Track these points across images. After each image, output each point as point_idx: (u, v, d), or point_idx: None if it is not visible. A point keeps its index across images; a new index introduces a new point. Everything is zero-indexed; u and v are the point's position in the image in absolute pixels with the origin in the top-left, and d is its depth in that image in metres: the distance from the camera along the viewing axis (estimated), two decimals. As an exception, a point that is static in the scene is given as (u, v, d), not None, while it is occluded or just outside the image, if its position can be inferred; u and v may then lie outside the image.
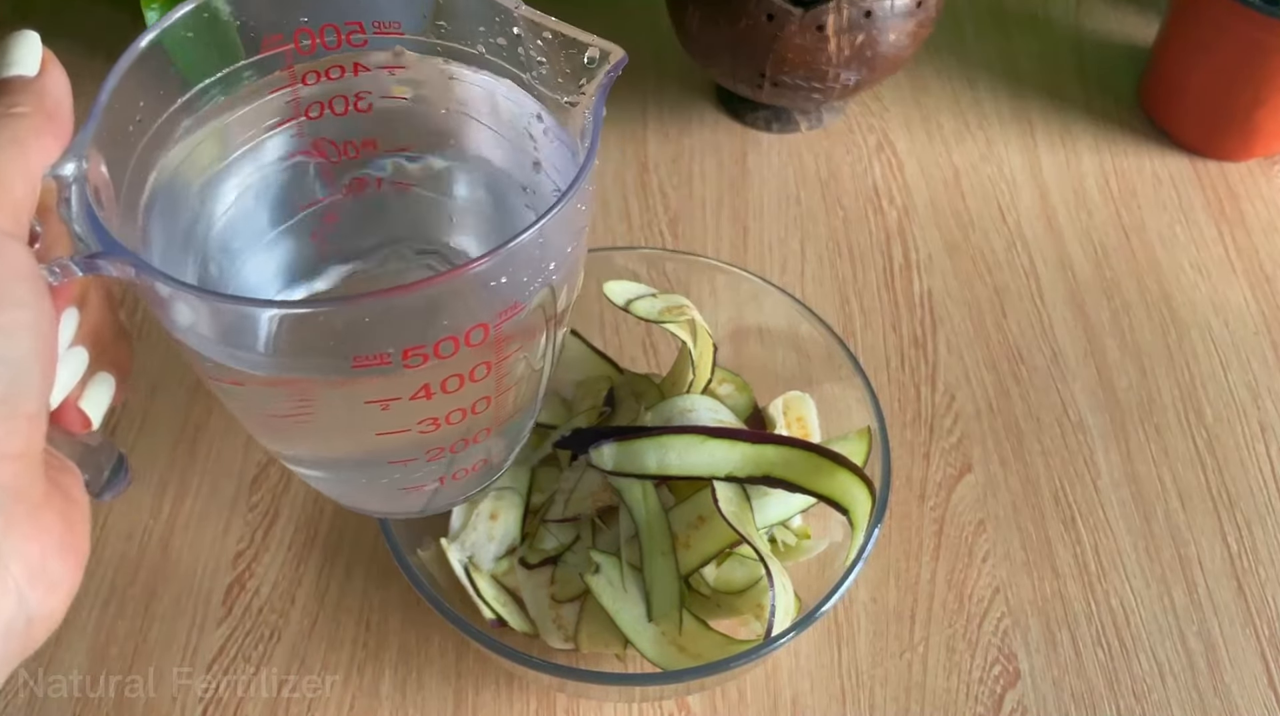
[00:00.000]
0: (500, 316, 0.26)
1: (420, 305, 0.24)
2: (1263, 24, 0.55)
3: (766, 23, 0.54)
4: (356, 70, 0.30)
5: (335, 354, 0.25)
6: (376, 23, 0.30)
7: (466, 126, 0.33)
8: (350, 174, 0.32)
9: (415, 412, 0.27)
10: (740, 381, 0.46)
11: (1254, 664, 0.44)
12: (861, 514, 0.38)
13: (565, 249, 0.28)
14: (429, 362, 0.25)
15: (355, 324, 0.24)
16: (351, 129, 0.31)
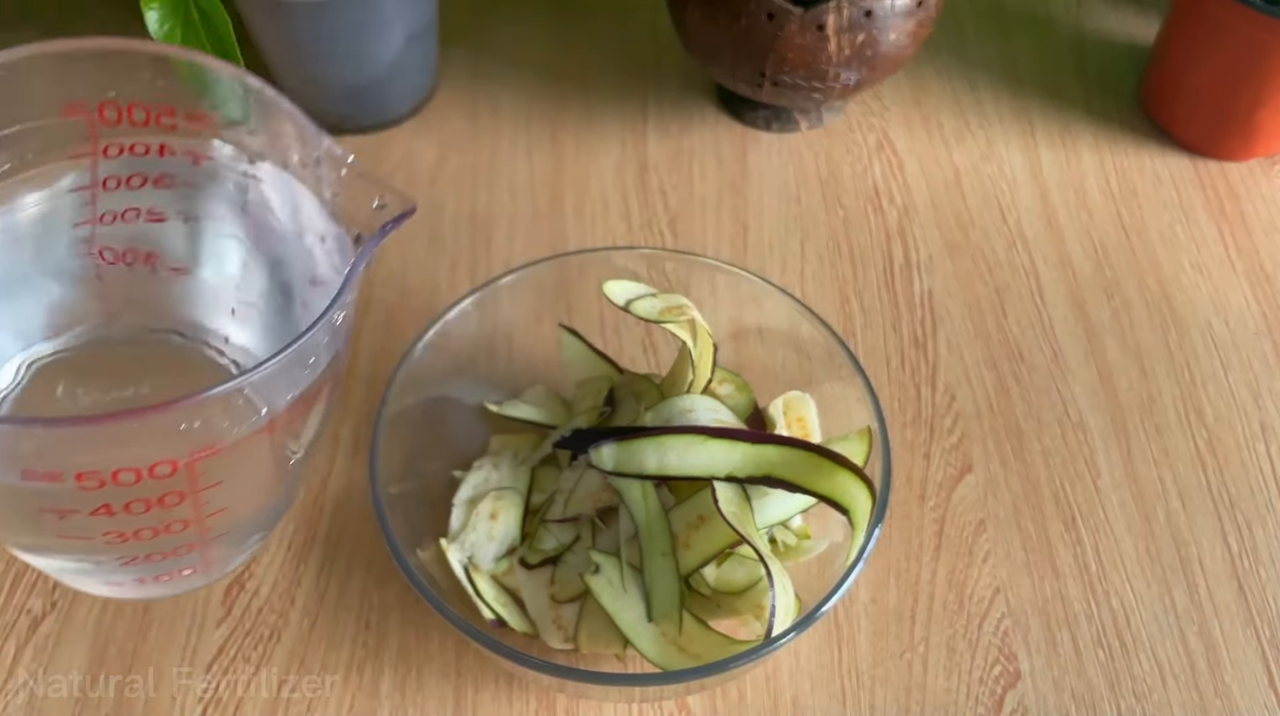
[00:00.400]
0: (193, 455, 0.26)
1: (97, 435, 0.24)
2: (1263, 23, 0.55)
3: (767, 22, 0.54)
4: (163, 151, 0.30)
5: (5, 460, 0.24)
6: (188, 111, 0.30)
7: (259, 226, 0.33)
8: (130, 244, 0.32)
9: (97, 526, 0.26)
10: (740, 381, 0.46)
11: (1255, 664, 0.44)
12: (862, 514, 0.38)
13: (284, 397, 0.27)
14: (105, 487, 0.25)
15: (26, 440, 0.24)
16: (143, 202, 0.31)
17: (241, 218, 0.33)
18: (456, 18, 0.69)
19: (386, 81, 0.61)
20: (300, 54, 0.58)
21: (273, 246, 0.33)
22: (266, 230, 0.33)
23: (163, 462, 0.25)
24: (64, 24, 0.70)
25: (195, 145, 0.31)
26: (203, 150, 0.32)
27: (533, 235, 0.58)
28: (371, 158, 0.62)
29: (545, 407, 0.47)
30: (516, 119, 0.64)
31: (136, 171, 0.30)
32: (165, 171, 0.31)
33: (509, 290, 0.46)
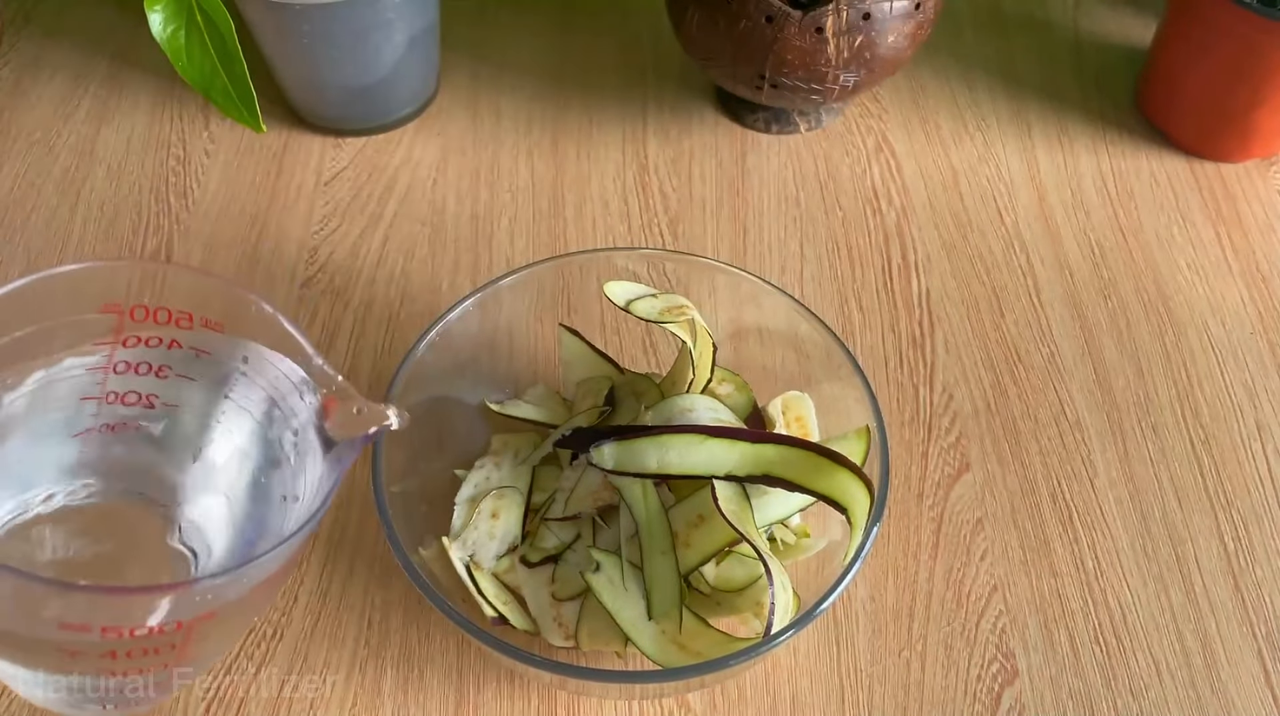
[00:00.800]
0: (198, 617, 0.31)
1: (132, 602, 0.29)
2: (1260, 25, 0.55)
3: (766, 25, 0.54)
4: (172, 345, 0.34)
5: (40, 614, 0.29)
6: (206, 318, 0.34)
7: (243, 414, 0.37)
8: (125, 420, 0.36)
9: (98, 662, 0.31)
10: (740, 381, 0.46)
11: (1250, 662, 0.44)
12: (860, 513, 0.38)
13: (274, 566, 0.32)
14: (122, 637, 0.29)
15: (80, 601, 0.29)
16: (145, 387, 0.35)
17: (227, 405, 0.37)
18: (458, 21, 0.69)
19: (388, 84, 0.61)
20: (303, 56, 0.58)
21: (252, 431, 0.37)
22: (248, 419, 0.37)
23: (171, 623, 0.30)
24: (64, 25, 0.70)
25: (200, 341, 0.35)
26: (205, 346, 0.36)
27: (533, 236, 0.58)
28: (373, 159, 0.62)
29: (546, 407, 0.47)
30: (517, 121, 0.65)
31: (145, 360, 0.35)
32: (168, 362, 0.35)
33: (510, 290, 0.46)
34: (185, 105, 0.65)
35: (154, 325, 0.34)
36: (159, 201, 0.60)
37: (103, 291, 0.33)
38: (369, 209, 0.60)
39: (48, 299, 0.32)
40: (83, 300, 0.33)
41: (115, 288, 0.33)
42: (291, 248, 0.58)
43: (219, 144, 0.63)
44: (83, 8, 0.71)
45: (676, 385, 0.45)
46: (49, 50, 0.68)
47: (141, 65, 0.67)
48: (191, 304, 0.34)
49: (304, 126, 0.64)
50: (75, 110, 0.65)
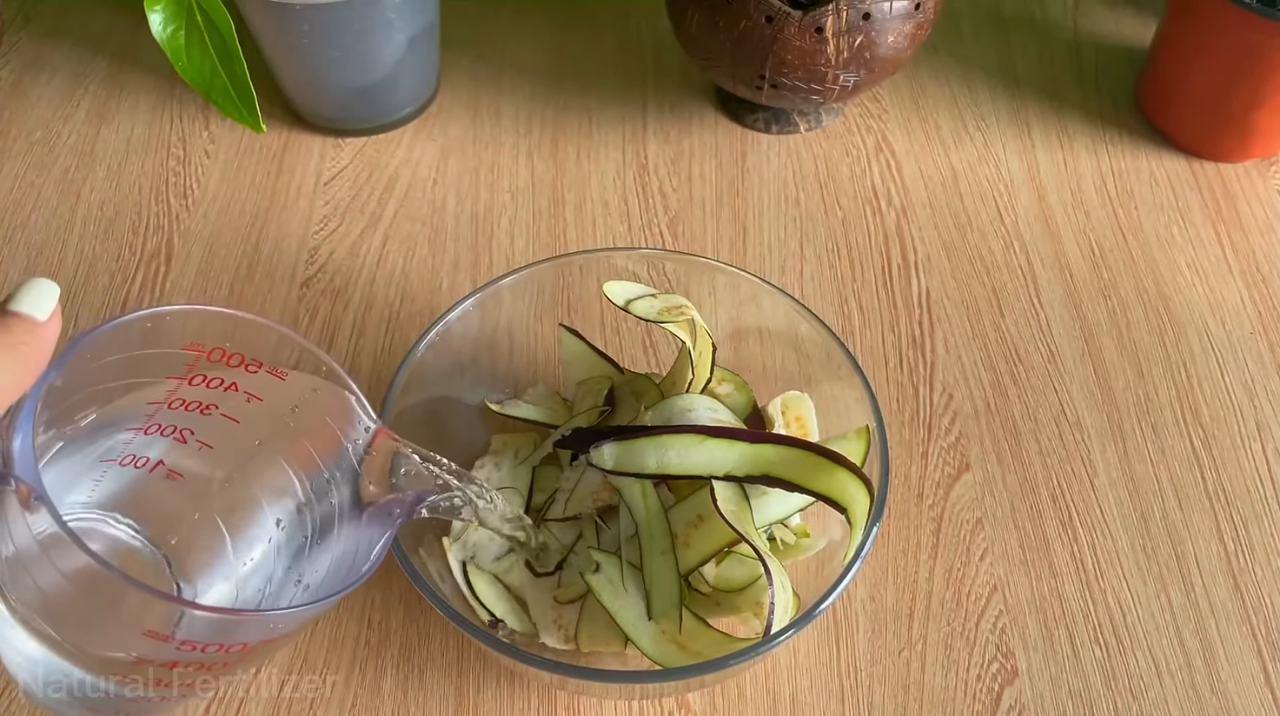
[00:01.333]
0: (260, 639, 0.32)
1: (228, 622, 0.30)
2: (1259, 25, 0.55)
3: (765, 25, 0.54)
4: (230, 387, 0.35)
5: (132, 620, 0.29)
6: (272, 368, 0.35)
7: (274, 461, 0.37)
8: (151, 455, 0.36)
9: (159, 668, 0.31)
10: (739, 381, 0.46)
11: (1250, 661, 0.44)
12: (860, 512, 0.38)
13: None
14: (195, 651, 0.29)
15: (171, 612, 0.29)
16: (187, 423, 0.35)
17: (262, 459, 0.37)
18: (458, 21, 0.69)
19: (389, 84, 0.61)
20: (303, 56, 0.58)
21: (279, 479, 0.38)
22: (283, 472, 0.38)
23: (239, 644, 0.30)
24: (65, 25, 0.70)
25: (256, 386, 0.35)
26: (258, 391, 0.36)
27: (533, 236, 0.58)
28: (373, 159, 0.62)
29: (546, 407, 0.47)
30: (517, 121, 0.65)
31: (200, 399, 0.35)
32: (218, 402, 0.35)
33: (510, 290, 0.46)
34: (185, 105, 0.65)
35: (225, 367, 0.34)
36: (159, 201, 0.60)
37: (194, 331, 0.33)
38: (369, 209, 0.60)
39: (161, 329, 0.33)
40: (171, 339, 0.33)
41: (204, 330, 0.34)
42: (291, 248, 0.58)
43: (219, 144, 0.63)
44: (83, 8, 0.71)
45: (676, 385, 0.45)
46: (49, 50, 0.68)
47: (141, 65, 0.67)
48: (267, 357, 0.35)
49: (304, 126, 0.64)
50: (75, 110, 0.65)
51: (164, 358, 0.33)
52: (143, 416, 0.34)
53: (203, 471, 0.36)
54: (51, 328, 0.28)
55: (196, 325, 0.34)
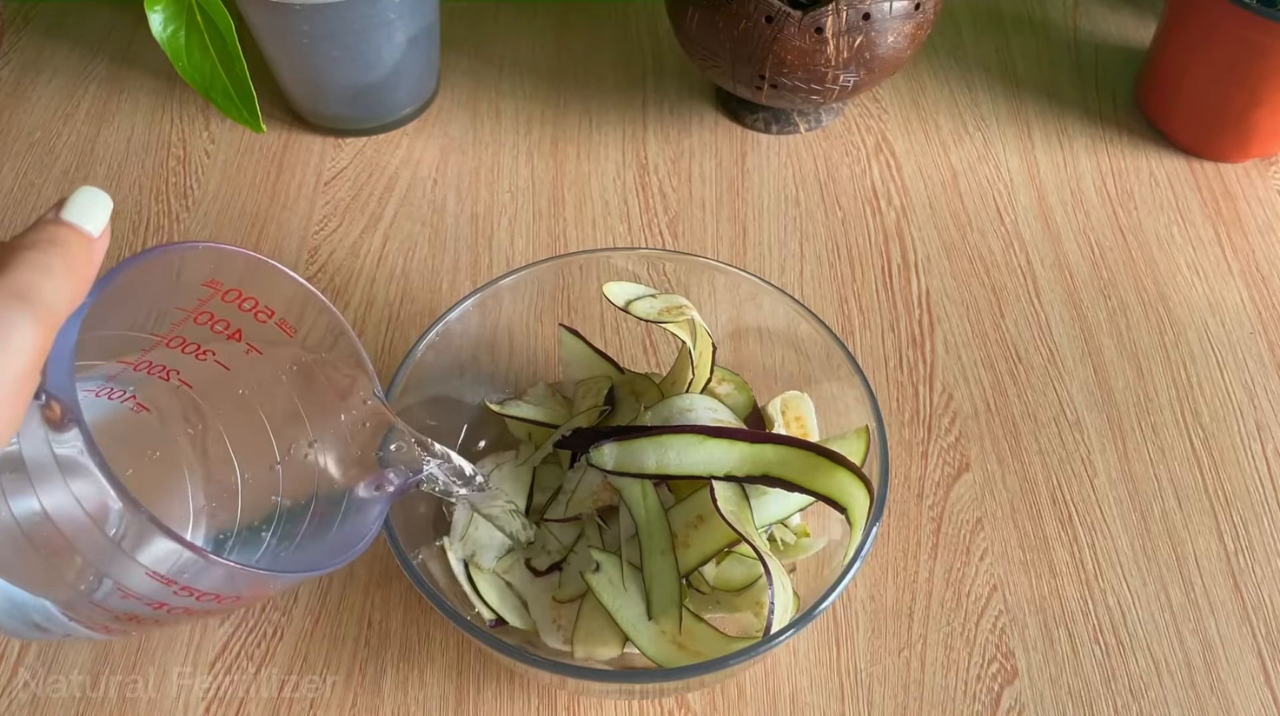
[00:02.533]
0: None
1: (238, 575, 0.29)
2: (1258, 25, 0.55)
3: (765, 25, 0.54)
4: (236, 336, 0.34)
5: (136, 560, 0.28)
6: (282, 320, 0.34)
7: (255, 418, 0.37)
8: (137, 393, 0.35)
9: (139, 614, 0.30)
10: (739, 380, 0.46)
11: (1250, 661, 0.44)
12: (860, 512, 0.38)
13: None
14: (192, 597, 0.29)
15: (194, 567, 0.28)
16: (177, 365, 0.34)
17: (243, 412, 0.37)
18: (458, 21, 0.69)
19: (388, 84, 0.61)
20: (302, 56, 0.58)
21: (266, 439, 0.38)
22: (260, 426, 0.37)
23: (232, 596, 0.30)
24: (65, 25, 0.70)
25: (260, 337, 0.35)
26: (260, 344, 0.35)
27: (533, 236, 0.58)
28: (373, 159, 0.62)
29: (546, 407, 0.47)
30: (517, 121, 0.65)
31: (199, 341, 0.34)
32: (215, 349, 0.34)
33: (510, 290, 0.46)
34: (185, 105, 0.65)
35: (236, 311, 0.33)
36: (159, 201, 0.60)
37: (212, 269, 0.32)
38: (369, 209, 0.60)
39: (193, 264, 0.32)
40: (193, 276, 0.32)
41: (227, 270, 0.33)
42: (291, 248, 0.58)
43: (219, 144, 0.63)
44: (83, 8, 0.71)
45: (676, 385, 0.45)
46: (49, 50, 0.68)
47: (141, 65, 0.67)
48: (279, 307, 0.34)
49: (304, 126, 0.64)
50: (75, 110, 0.65)
51: (184, 291, 0.32)
52: (139, 349, 0.33)
53: (174, 411, 0.35)
54: (101, 244, 0.28)
55: (224, 266, 0.33)
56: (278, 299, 0.34)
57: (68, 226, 0.27)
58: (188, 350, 0.33)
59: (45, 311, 0.25)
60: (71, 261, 0.26)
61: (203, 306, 0.32)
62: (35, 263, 0.25)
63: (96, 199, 0.28)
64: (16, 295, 0.24)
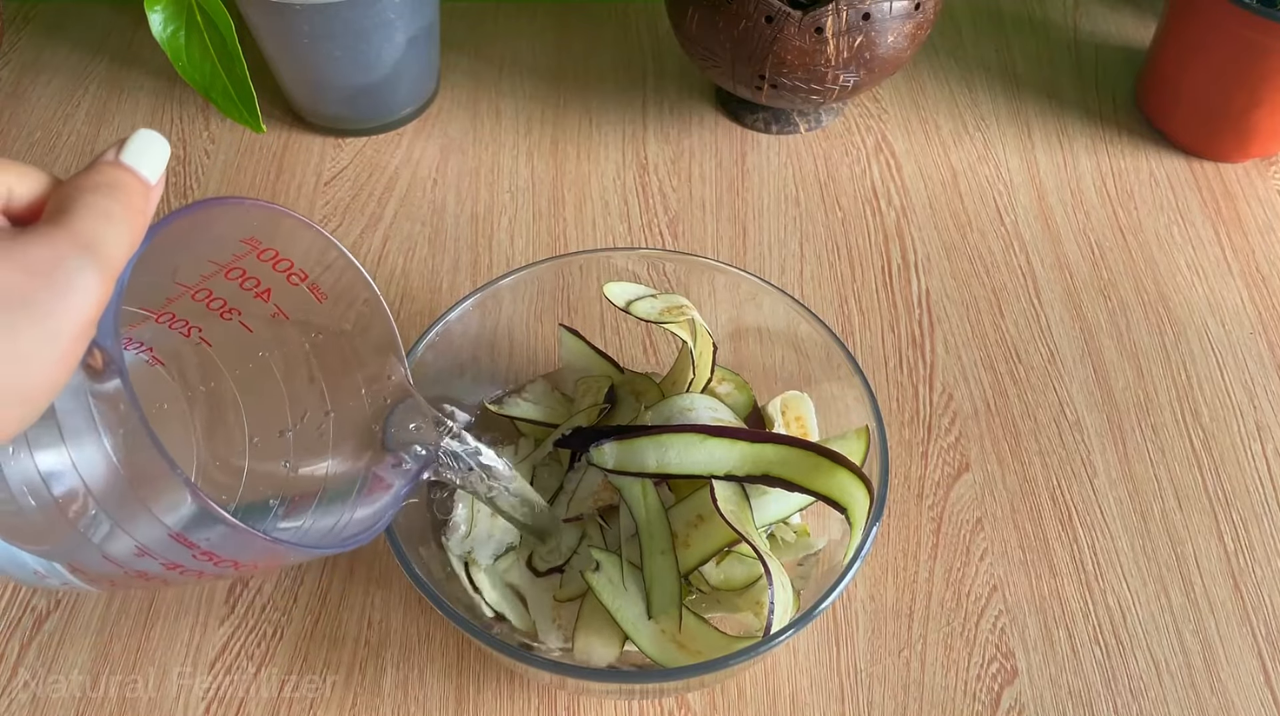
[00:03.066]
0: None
1: (255, 543, 0.28)
2: (1259, 25, 0.55)
3: (765, 25, 0.54)
4: (264, 295, 0.33)
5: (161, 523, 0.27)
6: (315, 285, 0.34)
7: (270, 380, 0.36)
8: (153, 347, 0.34)
9: (164, 568, 0.29)
10: (740, 380, 0.46)
11: (1250, 661, 0.44)
12: (860, 512, 0.38)
13: None
14: (211, 562, 0.28)
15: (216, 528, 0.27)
16: (200, 322, 0.33)
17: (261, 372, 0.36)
18: (458, 21, 0.69)
19: (388, 84, 0.61)
20: (302, 56, 0.58)
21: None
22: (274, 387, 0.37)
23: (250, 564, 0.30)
24: (65, 25, 0.70)
25: (289, 302, 0.34)
26: (289, 308, 0.34)
27: (533, 236, 0.58)
28: (373, 159, 0.62)
29: (544, 404, 0.47)
30: (517, 121, 0.65)
31: (226, 297, 0.33)
32: (241, 308, 0.34)
33: (510, 290, 0.46)
34: (185, 105, 0.65)
35: (270, 270, 0.32)
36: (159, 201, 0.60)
37: (254, 226, 0.32)
38: (369, 209, 0.60)
39: (237, 219, 0.31)
40: (232, 233, 0.32)
41: (269, 229, 0.32)
42: (291, 248, 0.58)
43: (219, 144, 0.63)
44: (83, 8, 0.71)
45: (677, 385, 0.45)
46: (49, 50, 0.68)
47: (141, 65, 0.67)
48: (316, 272, 0.33)
49: (304, 126, 0.64)
50: (75, 110, 0.65)
51: (220, 246, 0.31)
52: (163, 298, 0.32)
53: (189, 367, 0.34)
54: (157, 192, 0.27)
55: (268, 225, 0.32)
56: (315, 265, 0.33)
57: (128, 171, 0.26)
58: (213, 306, 0.32)
59: (108, 262, 0.24)
60: (131, 209, 0.26)
61: (237, 262, 0.32)
62: (100, 210, 0.25)
63: (156, 143, 0.27)
64: (84, 246, 0.24)
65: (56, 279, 0.23)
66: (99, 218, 0.25)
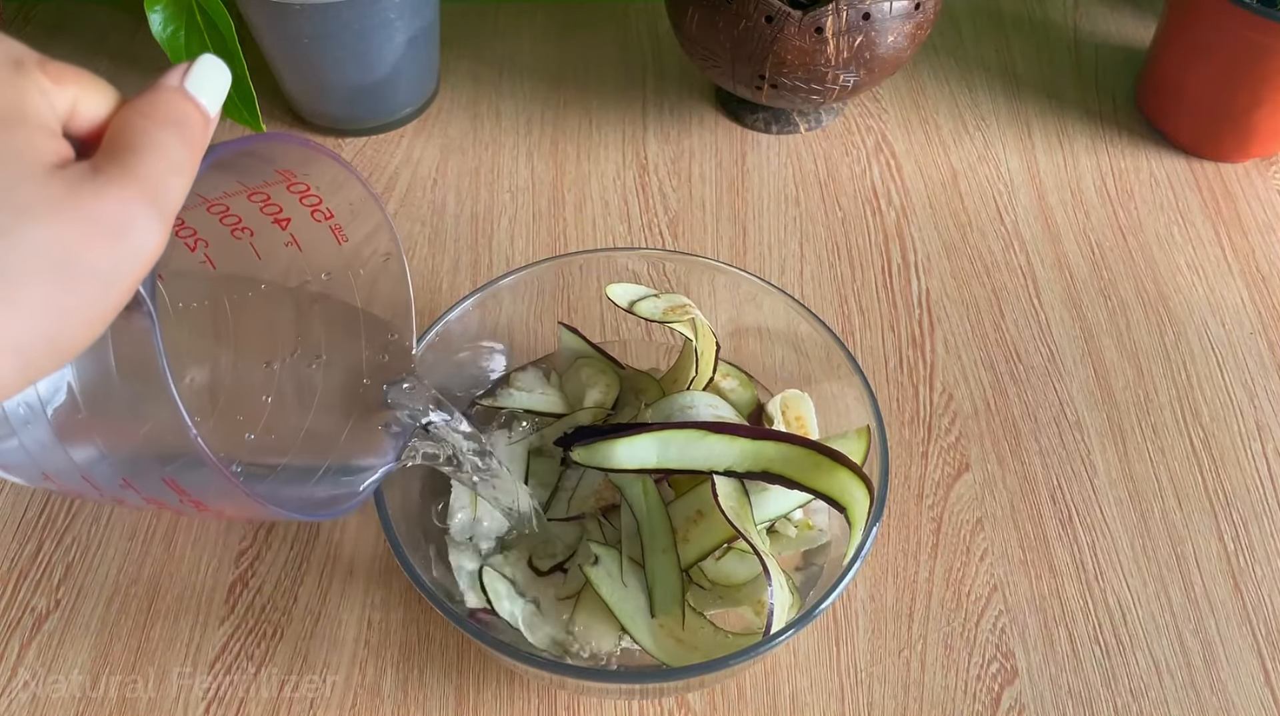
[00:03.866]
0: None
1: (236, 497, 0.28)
2: (1259, 25, 0.55)
3: (765, 25, 0.54)
4: (278, 222, 0.32)
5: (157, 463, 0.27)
6: (337, 228, 0.32)
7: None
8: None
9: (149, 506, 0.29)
10: (744, 377, 0.46)
11: (1250, 661, 0.44)
12: (860, 512, 0.38)
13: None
14: (196, 508, 0.28)
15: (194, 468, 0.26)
16: (209, 235, 0.32)
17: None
18: (458, 21, 0.69)
19: (388, 83, 0.61)
20: (302, 56, 0.58)
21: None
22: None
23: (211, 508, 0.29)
24: (65, 25, 0.70)
25: (307, 235, 0.33)
26: (305, 240, 0.33)
27: (533, 236, 0.58)
28: (373, 159, 0.62)
29: (537, 392, 0.47)
30: (517, 121, 0.65)
31: (242, 216, 0.32)
32: (255, 229, 0.33)
33: (510, 290, 0.46)
34: (185, 105, 0.65)
35: (300, 200, 0.31)
36: (159, 201, 0.60)
37: (298, 163, 0.31)
38: (369, 209, 0.60)
39: (279, 155, 0.30)
40: (281, 160, 0.31)
41: (309, 164, 0.31)
42: (291, 248, 0.58)
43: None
44: (83, 8, 0.71)
45: (678, 383, 0.45)
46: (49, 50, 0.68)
47: (141, 65, 0.67)
48: (342, 212, 0.32)
49: (304, 126, 0.64)
50: (75, 110, 0.65)
51: (253, 172, 0.31)
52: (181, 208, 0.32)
53: (186, 282, 0.33)
54: (213, 127, 0.26)
55: (308, 165, 0.31)
56: (345, 212, 0.32)
57: (193, 103, 0.25)
58: (226, 221, 0.31)
59: (170, 216, 0.23)
60: (193, 149, 0.25)
61: (264, 188, 0.31)
62: (169, 156, 0.24)
63: (220, 72, 0.26)
64: (152, 199, 0.23)
65: (123, 240, 0.22)
66: (168, 168, 0.24)
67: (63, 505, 0.48)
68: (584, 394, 0.46)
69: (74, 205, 0.22)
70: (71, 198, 0.22)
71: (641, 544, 0.41)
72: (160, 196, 0.23)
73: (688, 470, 0.39)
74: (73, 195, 0.22)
